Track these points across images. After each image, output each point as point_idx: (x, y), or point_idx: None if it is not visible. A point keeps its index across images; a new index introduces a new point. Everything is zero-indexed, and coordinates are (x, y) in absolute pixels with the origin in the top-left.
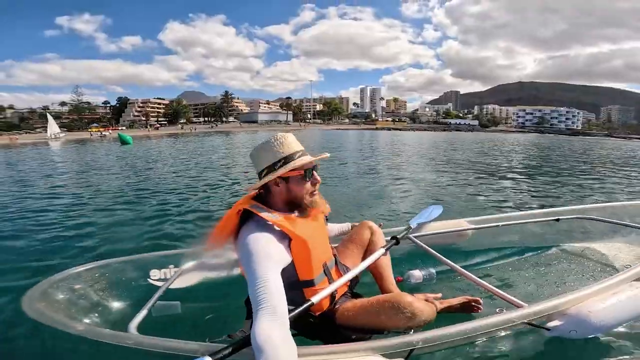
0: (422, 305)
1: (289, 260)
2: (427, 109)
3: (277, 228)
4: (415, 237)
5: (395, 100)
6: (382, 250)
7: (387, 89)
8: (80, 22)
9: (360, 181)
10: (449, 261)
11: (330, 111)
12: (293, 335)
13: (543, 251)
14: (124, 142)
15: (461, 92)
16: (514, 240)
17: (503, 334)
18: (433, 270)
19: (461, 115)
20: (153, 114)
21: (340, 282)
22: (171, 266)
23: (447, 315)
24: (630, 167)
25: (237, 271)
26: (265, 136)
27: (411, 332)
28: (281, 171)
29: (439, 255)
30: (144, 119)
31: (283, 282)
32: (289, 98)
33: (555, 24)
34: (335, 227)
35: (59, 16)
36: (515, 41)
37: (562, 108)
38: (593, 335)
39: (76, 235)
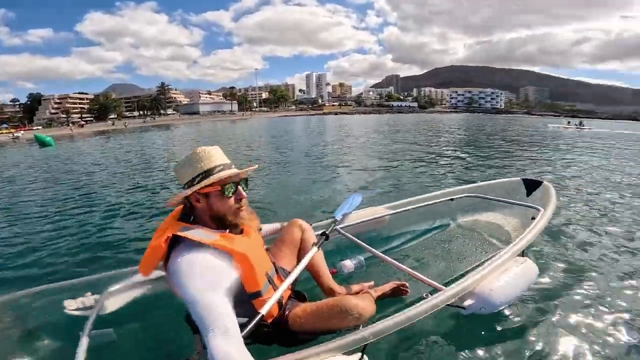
0: (365, 303)
1: (233, 277)
2: (371, 93)
3: (213, 246)
4: (341, 228)
5: (341, 85)
6: (315, 249)
7: (332, 74)
8: None
9: (302, 169)
10: (373, 249)
11: (277, 99)
12: (249, 344)
13: (444, 228)
14: (43, 143)
15: (401, 76)
16: (422, 221)
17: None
18: (362, 258)
19: (402, 97)
20: (75, 111)
21: (284, 287)
22: (88, 293)
23: (381, 302)
24: (540, 147)
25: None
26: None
27: (360, 327)
28: (197, 186)
29: (364, 244)
30: (64, 116)
31: (231, 297)
32: (232, 87)
33: (483, 10)
34: (264, 229)
35: None
36: (449, 27)
37: (487, 89)
38: (498, 309)
39: None
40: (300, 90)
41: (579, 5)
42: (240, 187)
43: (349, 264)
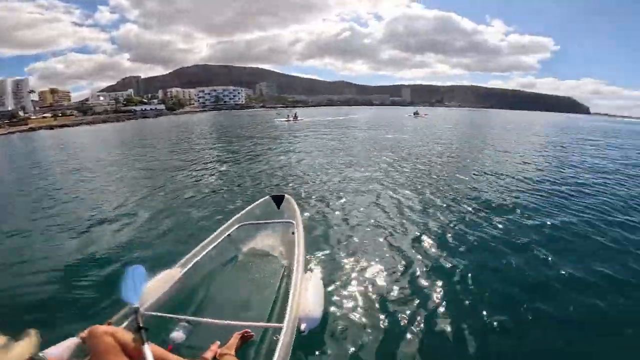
0: None
1: None
2: (102, 98)
3: None
4: (146, 309)
5: (54, 91)
6: (147, 346)
7: (38, 78)
8: None
9: (46, 240)
10: (190, 318)
11: None
12: None
13: (235, 262)
14: None
15: (142, 77)
16: (214, 264)
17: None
18: (185, 324)
19: (145, 100)
20: None
21: None
22: None
23: (241, 354)
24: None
25: None
26: None
27: None
28: None
29: (179, 317)
30: None
31: None
32: None
33: (227, 11)
34: (63, 353)
35: None
36: (193, 26)
37: (230, 87)
38: (321, 322)
39: None
40: None
41: (298, 8)
42: None
43: (177, 334)
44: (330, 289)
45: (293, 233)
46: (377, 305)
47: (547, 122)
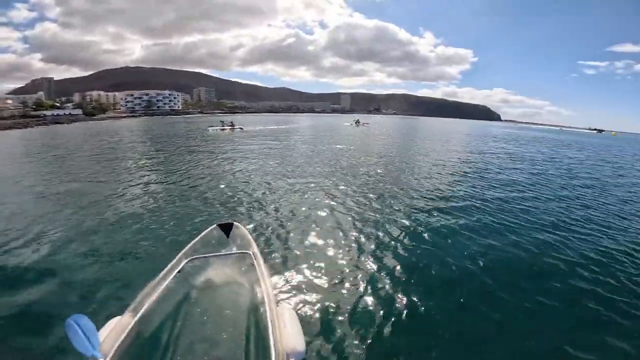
0: None
1: None
2: (10, 101)
3: None
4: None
5: None
6: None
7: None
8: None
9: None
10: None
11: None
12: None
13: (188, 301)
14: None
15: (56, 79)
16: (168, 304)
17: None
18: None
19: (58, 104)
20: None
21: None
22: None
23: None
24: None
25: None
26: None
27: None
28: None
29: None
30: None
31: None
32: None
33: (166, 14)
34: None
35: None
36: (127, 27)
37: (165, 91)
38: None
39: None
40: None
41: (242, 12)
42: None
43: None
44: (302, 317)
45: (252, 264)
46: (351, 326)
47: (468, 129)
